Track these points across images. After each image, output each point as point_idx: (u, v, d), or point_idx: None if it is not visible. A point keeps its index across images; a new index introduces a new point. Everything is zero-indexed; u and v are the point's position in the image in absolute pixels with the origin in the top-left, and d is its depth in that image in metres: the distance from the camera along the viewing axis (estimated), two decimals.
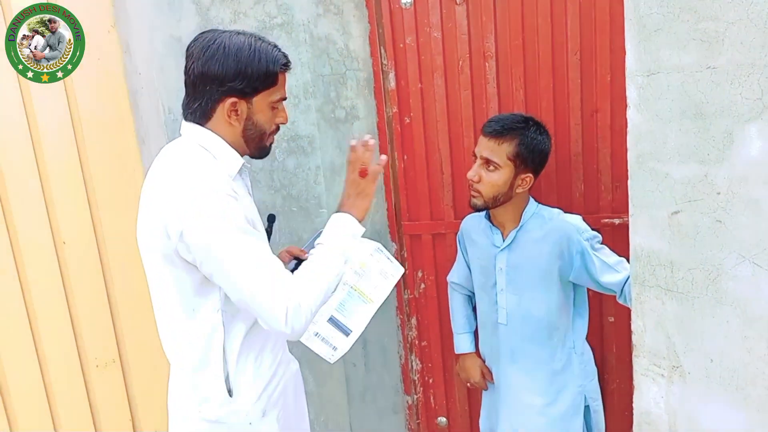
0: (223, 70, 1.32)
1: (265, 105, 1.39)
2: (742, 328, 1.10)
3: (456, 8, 2.00)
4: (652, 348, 1.24)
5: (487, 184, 1.71)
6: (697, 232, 1.13)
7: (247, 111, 1.37)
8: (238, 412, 1.43)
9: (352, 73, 2.10)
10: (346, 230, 1.43)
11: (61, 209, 2.04)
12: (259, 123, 1.40)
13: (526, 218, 1.77)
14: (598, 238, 1.72)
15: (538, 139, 1.71)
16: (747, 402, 1.11)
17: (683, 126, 1.11)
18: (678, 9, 1.07)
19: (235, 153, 1.41)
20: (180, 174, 1.33)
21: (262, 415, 1.46)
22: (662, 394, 1.24)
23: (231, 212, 1.29)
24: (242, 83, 1.33)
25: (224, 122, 1.37)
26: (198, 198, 1.28)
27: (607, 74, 1.88)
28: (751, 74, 1.01)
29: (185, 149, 1.39)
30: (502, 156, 1.68)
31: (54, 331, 2.07)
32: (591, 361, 1.89)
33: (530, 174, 1.72)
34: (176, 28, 2.02)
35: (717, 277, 1.12)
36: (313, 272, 1.35)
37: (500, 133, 1.68)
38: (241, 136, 1.40)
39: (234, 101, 1.34)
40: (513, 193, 1.73)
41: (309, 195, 2.14)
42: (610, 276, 1.64)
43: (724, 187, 1.08)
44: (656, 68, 1.12)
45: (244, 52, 1.32)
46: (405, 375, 2.39)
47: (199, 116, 1.39)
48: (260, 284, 1.27)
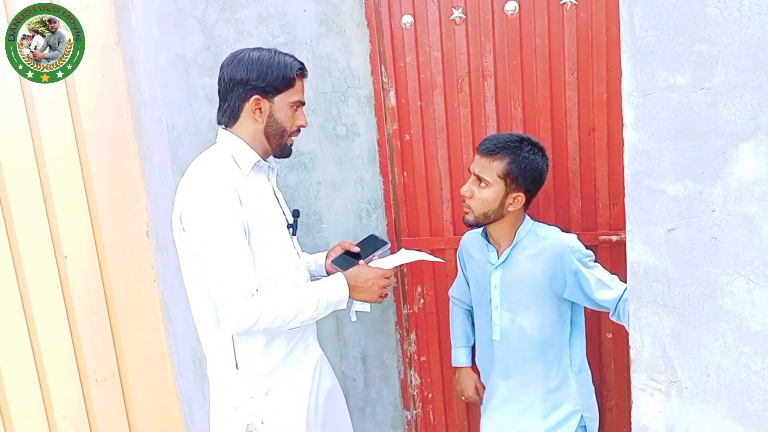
0: (248, 74, 1.55)
1: (285, 105, 1.59)
2: (738, 343, 1.11)
3: (455, 28, 2.04)
4: (650, 363, 1.26)
5: (477, 200, 1.73)
6: (693, 248, 1.15)
7: (270, 109, 1.58)
8: (243, 384, 1.61)
9: (353, 91, 2.13)
10: (337, 295, 1.59)
11: (62, 224, 2.06)
12: (280, 120, 1.60)
13: (520, 236, 1.78)
14: (591, 257, 1.73)
15: (530, 159, 1.70)
16: (743, 416, 1.12)
17: (678, 145, 1.13)
18: (673, 32, 1.10)
19: (251, 151, 1.59)
20: (194, 173, 1.55)
21: (265, 393, 1.61)
22: (660, 409, 1.25)
23: (223, 209, 1.47)
24: (264, 83, 1.55)
25: (250, 119, 1.59)
26: (197, 191, 1.50)
27: (604, 94, 1.92)
28: (744, 95, 1.03)
29: (208, 152, 1.61)
30: (492, 174, 1.70)
31: (54, 345, 2.08)
32: (589, 379, 1.88)
33: (521, 193, 1.72)
34: (181, 46, 2.04)
35: (713, 293, 1.13)
36: (287, 298, 1.52)
37: (492, 151, 1.70)
38: (264, 133, 1.60)
39: (257, 98, 1.56)
40: (504, 211, 1.74)
41: (310, 210, 2.16)
42: (604, 293, 1.66)
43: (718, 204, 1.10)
44: (652, 89, 1.15)
45: (265, 59, 1.56)
46: (404, 390, 2.40)
47: (229, 116, 1.61)
48: (223, 279, 1.46)
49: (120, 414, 2.24)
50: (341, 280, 1.59)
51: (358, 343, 2.30)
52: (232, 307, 1.46)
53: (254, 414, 1.60)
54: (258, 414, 1.60)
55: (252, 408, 1.61)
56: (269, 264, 1.57)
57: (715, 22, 1.04)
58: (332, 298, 1.56)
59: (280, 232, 1.63)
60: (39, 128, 1.99)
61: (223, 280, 1.46)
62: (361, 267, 1.66)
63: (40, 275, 2.03)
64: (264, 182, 1.65)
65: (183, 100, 2.02)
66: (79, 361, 2.13)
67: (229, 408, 1.63)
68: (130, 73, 2.15)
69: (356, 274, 1.62)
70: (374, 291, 1.62)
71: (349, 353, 2.30)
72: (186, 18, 2.03)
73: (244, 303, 1.45)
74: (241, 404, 1.61)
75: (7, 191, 1.94)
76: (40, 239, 2.02)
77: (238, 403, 1.61)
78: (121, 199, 2.15)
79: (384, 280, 1.63)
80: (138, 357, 2.24)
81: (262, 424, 1.60)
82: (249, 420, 1.60)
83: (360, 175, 2.20)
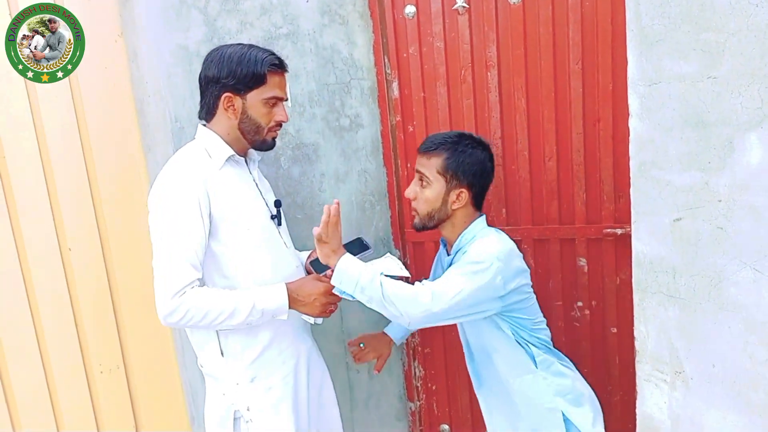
0: (219, 71, 1.57)
1: (258, 101, 1.59)
2: (744, 333, 1.11)
3: (458, 18, 2.02)
4: (655, 353, 1.26)
5: (421, 200, 1.70)
6: (699, 238, 1.14)
7: (242, 106, 1.59)
8: (228, 372, 1.63)
9: (356, 82, 2.13)
10: (274, 304, 1.57)
11: (67, 216, 2.06)
12: (254, 117, 1.60)
13: (462, 242, 1.71)
14: (477, 264, 1.59)
15: (468, 153, 1.67)
16: (749, 407, 1.12)
17: (684, 134, 1.12)
18: (679, 20, 1.09)
19: (225, 146, 1.61)
20: (165, 167, 1.58)
21: (250, 380, 1.63)
22: (665, 400, 1.25)
23: (178, 203, 1.50)
24: (234, 80, 1.56)
25: (224, 116, 1.61)
26: (160, 184, 1.54)
27: (609, 83, 1.90)
28: (752, 84, 1.03)
29: (184, 147, 1.64)
30: (432, 171, 1.67)
31: (59, 337, 2.08)
32: (560, 374, 1.74)
33: (464, 189, 1.68)
34: (184, 38, 2.04)
35: (719, 284, 1.13)
36: (220, 298, 1.52)
37: (429, 148, 1.69)
38: (238, 129, 1.62)
39: (229, 96, 1.58)
40: (449, 210, 1.69)
41: (313, 202, 2.15)
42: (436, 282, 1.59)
43: (725, 194, 1.10)
44: (658, 78, 1.14)
45: (236, 56, 1.57)
46: (408, 382, 2.40)
47: (206, 113, 1.64)
48: (158, 272, 1.50)
49: (125, 405, 2.25)
50: (281, 291, 1.58)
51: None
52: (160, 301, 1.49)
53: (240, 401, 1.63)
54: (244, 401, 1.63)
55: (238, 395, 1.63)
56: (251, 252, 1.60)
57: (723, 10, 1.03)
58: (269, 306, 1.55)
59: (261, 222, 1.65)
60: (43, 121, 1.99)
61: (158, 274, 1.50)
62: (306, 280, 1.65)
63: (45, 267, 2.03)
64: (243, 175, 1.66)
65: (186, 91, 2.01)
66: (84, 353, 2.14)
67: (217, 394, 1.66)
68: (133, 66, 2.14)
69: (299, 286, 1.61)
70: (315, 306, 1.61)
71: None
72: (189, 9, 2.03)
73: (173, 300, 1.47)
74: (228, 391, 1.64)
75: (12, 184, 1.94)
76: (45, 231, 2.02)
77: (225, 390, 1.65)
78: (125, 191, 2.15)
79: (326, 297, 1.61)
80: (143, 349, 2.24)
81: (248, 410, 1.63)
82: (236, 406, 1.63)
83: (364, 167, 2.19)
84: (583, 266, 2.06)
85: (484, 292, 1.58)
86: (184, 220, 1.49)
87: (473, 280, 1.56)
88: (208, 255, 1.56)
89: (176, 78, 2.03)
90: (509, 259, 1.63)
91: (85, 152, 2.09)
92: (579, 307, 2.11)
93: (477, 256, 1.60)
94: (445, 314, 1.57)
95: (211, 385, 1.70)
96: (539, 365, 1.71)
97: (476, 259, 1.59)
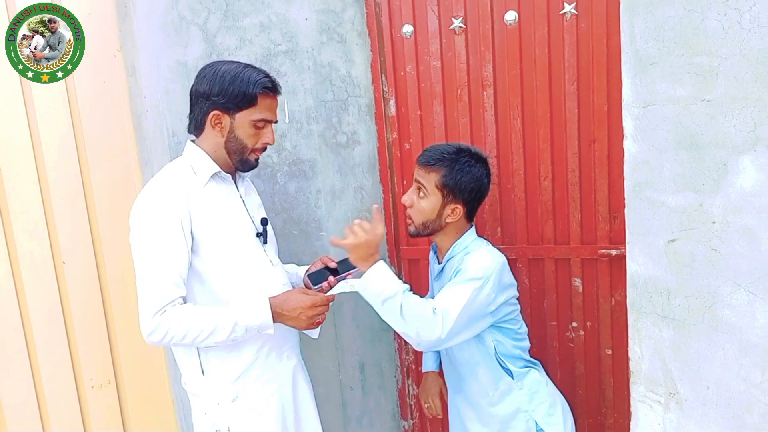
0: (210, 88, 1.55)
1: (247, 122, 1.58)
2: (738, 355, 1.11)
3: (455, 38, 2.04)
4: (649, 375, 1.25)
5: (416, 210, 1.72)
6: (693, 260, 1.15)
7: (230, 125, 1.57)
8: (209, 390, 1.62)
9: (353, 100, 2.14)
10: (258, 320, 1.55)
11: (61, 229, 2.06)
12: (240, 137, 1.59)
13: (454, 252, 1.74)
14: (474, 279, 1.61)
15: (466, 170, 1.68)
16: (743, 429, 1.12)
17: (679, 156, 1.13)
18: (673, 44, 1.10)
19: (211, 163, 1.60)
20: (149, 183, 1.58)
21: (231, 400, 1.61)
22: (659, 421, 1.25)
23: (158, 221, 1.49)
24: (224, 99, 1.54)
25: (211, 133, 1.59)
26: (140, 201, 1.53)
27: (605, 104, 1.92)
28: (745, 107, 1.04)
29: (171, 162, 1.63)
30: (430, 184, 1.69)
31: (51, 350, 2.07)
32: (539, 383, 1.77)
33: (459, 205, 1.69)
34: (182, 54, 2.05)
35: (713, 305, 1.13)
36: (200, 316, 1.50)
37: (428, 162, 1.70)
38: (224, 148, 1.60)
39: (217, 114, 1.56)
40: (443, 222, 1.71)
41: (309, 218, 2.15)
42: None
43: (719, 216, 1.10)
44: (652, 100, 1.15)
45: (228, 75, 1.55)
46: (402, 399, 2.39)
47: (194, 127, 1.63)
48: (140, 291, 1.50)
49: (116, 421, 2.23)
50: (264, 307, 1.55)
51: (357, 351, 2.29)
52: (142, 320, 1.49)
53: (221, 420, 1.61)
54: (224, 421, 1.61)
55: (219, 414, 1.61)
56: (234, 270, 1.59)
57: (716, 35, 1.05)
58: (252, 323, 1.53)
59: (245, 240, 1.63)
60: (39, 134, 1.99)
61: (140, 292, 1.50)
62: (291, 293, 1.62)
63: (38, 280, 2.02)
64: (229, 192, 1.65)
65: (184, 106, 2.01)
66: (76, 368, 2.12)
67: (200, 413, 1.65)
68: (132, 80, 2.15)
69: (283, 301, 1.59)
70: (301, 320, 1.58)
71: (347, 362, 2.29)
72: (188, 26, 2.04)
73: (153, 319, 1.47)
74: (209, 410, 1.62)
75: (7, 196, 1.94)
76: (39, 244, 2.02)
77: (206, 409, 1.63)
78: (121, 205, 2.14)
79: (312, 310, 1.59)
80: (134, 364, 2.23)
81: (228, 430, 1.61)
82: (217, 426, 1.61)
83: (360, 184, 2.20)
84: (578, 287, 2.06)
85: (480, 308, 1.61)
86: (164, 238, 1.48)
87: (472, 295, 1.59)
88: (191, 272, 1.54)
89: (174, 93, 2.04)
90: (501, 274, 1.66)
91: (82, 166, 2.09)
92: (574, 327, 2.11)
93: (474, 273, 1.62)
94: (453, 332, 1.57)
95: (194, 404, 1.67)
96: (516, 377, 1.74)
97: (474, 276, 1.61)
